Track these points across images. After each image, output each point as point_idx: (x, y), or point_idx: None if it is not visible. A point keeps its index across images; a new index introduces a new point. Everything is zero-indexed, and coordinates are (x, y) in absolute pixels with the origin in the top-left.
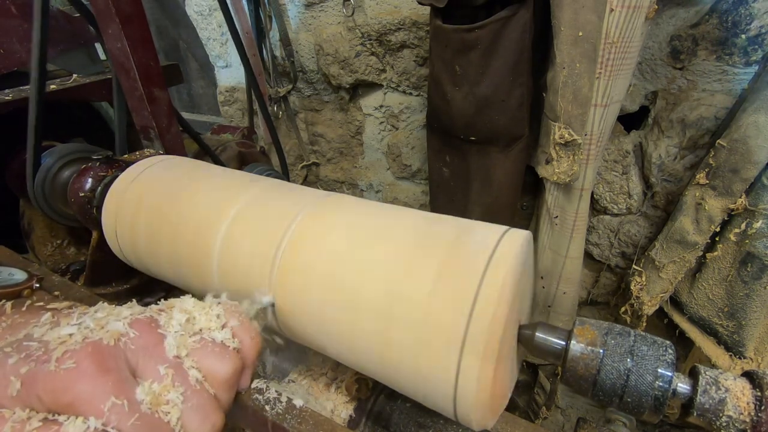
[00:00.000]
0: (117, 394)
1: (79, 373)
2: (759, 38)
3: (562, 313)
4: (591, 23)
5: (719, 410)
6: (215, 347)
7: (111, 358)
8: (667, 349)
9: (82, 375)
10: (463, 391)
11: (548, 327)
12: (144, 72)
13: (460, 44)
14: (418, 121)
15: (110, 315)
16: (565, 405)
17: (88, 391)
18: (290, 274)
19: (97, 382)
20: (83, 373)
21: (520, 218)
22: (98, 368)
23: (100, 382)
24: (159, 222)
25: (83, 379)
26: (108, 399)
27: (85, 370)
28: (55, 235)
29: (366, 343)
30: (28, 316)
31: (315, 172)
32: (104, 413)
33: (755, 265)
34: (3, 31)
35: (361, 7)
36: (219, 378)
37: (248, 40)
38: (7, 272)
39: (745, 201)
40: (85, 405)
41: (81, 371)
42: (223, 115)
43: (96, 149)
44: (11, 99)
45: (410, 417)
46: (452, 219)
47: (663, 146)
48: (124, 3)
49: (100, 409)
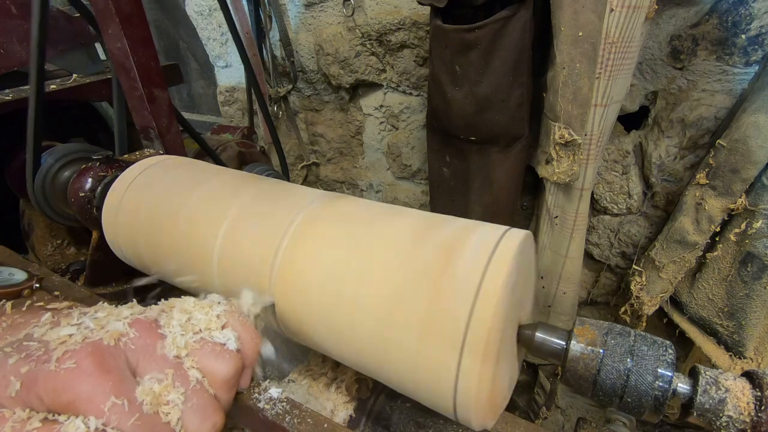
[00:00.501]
0: (117, 394)
1: (79, 373)
2: (759, 38)
3: (562, 313)
4: (591, 23)
5: (719, 410)
6: (215, 347)
7: (111, 358)
8: (667, 349)
9: (82, 375)
10: (463, 392)
11: (548, 327)
12: (144, 72)
13: (460, 44)
14: (418, 121)
15: (110, 315)
16: (565, 405)
17: (89, 390)
18: (290, 274)
19: (98, 381)
20: (83, 373)
21: (520, 218)
22: (98, 368)
23: (101, 381)
24: (159, 222)
25: (83, 379)
26: (108, 399)
27: (85, 369)
28: (55, 235)
29: (366, 344)
30: (28, 316)
31: (315, 172)
32: (104, 413)
33: (755, 265)
34: (3, 31)
35: (361, 7)
36: (219, 378)
37: (248, 40)
38: (7, 272)
39: (745, 201)
40: (86, 405)
41: (81, 371)
42: (223, 115)
43: (96, 149)
44: (11, 99)
45: (410, 417)
46: (452, 219)
47: (663, 146)
48: (124, 3)
49: (100, 408)
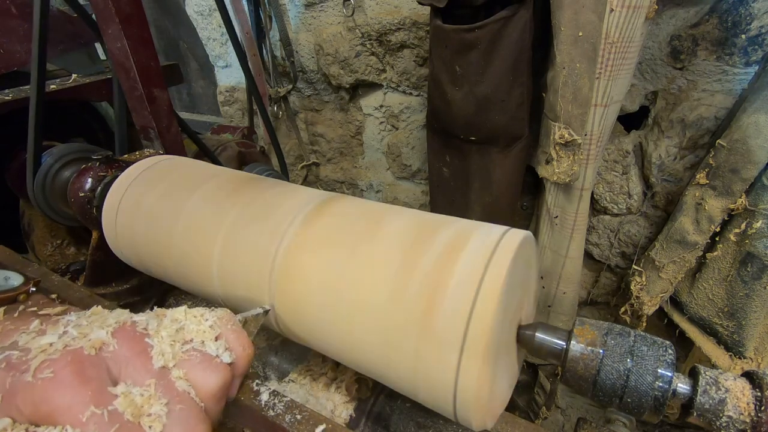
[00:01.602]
0: (96, 404)
1: (57, 382)
2: (759, 38)
3: (562, 313)
4: (591, 23)
5: (719, 410)
6: (205, 358)
7: (91, 367)
8: (667, 349)
9: (60, 385)
10: (462, 392)
11: (548, 327)
12: (144, 72)
13: (460, 44)
14: (418, 121)
15: (95, 323)
16: (565, 405)
17: (67, 400)
18: (290, 275)
19: (76, 391)
20: (61, 383)
21: (520, 218)
22: (77, 378)
23: (79, 391)
24: (159, 222)
25: (61, 389)
26: (87, 409)
27: (62, 379)
28: (55, 235)
29: (366, 345)
30: (19, 323)
31: (315, 172)
32: (82, 422)
33: (755, 265)
34: (3, 31)
35: (361, 7)
36: (206, 390)
37: (248, 40)
38: (2, 276)
39: (745, 201)
40: (64, 415)
41: (59, 381)
42: (223, 115)
43: (96, 149)
44: (11, 99)
45: (410, 417)
46: (451, 219)
47: (663, 146)
48: (124, 3)
49: (78, 419)
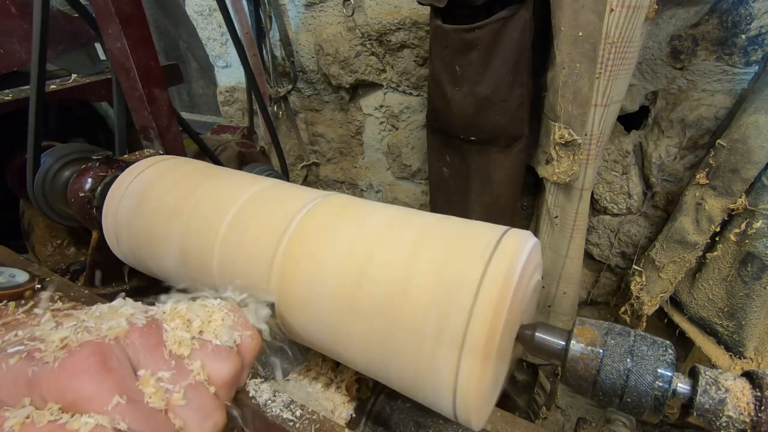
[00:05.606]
0: (120, 392)
1: (81, 371)
2: (759, 38)
3: (562, 313)
4: (591, 23)
5: (719, 410)
6: (216, 348)
7: (113, 357)
8: (667, 349)
9: (84, 374)
10: (462, 392)
11: (548, 327)
12: (144, 72)
13: (460, 44)
14: (418, 121)
15: (112, 314)
16: (565, 405)
17: (91, 389)
18: (290, 275)
19: (100, 380)
20: (86, 372)
21: (520, 218)
22: (101, 367)
23: (103, 380)
24: (159, 222)
25: (86, 378)
26: (111, 397)
27: (87, 369)
28: (55, 235)
29: (366, 345)
30: (30, 317)
31: (315, 172)
32: (107, 411)
33: (755, 265)
34: (3, 31)
35: (361, 7)
36: (219, 378)
37: (248, 40)
38: (8, 273)
39: (745, 201)
40: (89, 403)
41: (83, 370)
42: (223, 115)
43: (96, 149)
44: (11, 99)
45: (410, 417)
46: (452, 219)
47: (663, 146)
48: (124, 3)
49: (103, 407)
